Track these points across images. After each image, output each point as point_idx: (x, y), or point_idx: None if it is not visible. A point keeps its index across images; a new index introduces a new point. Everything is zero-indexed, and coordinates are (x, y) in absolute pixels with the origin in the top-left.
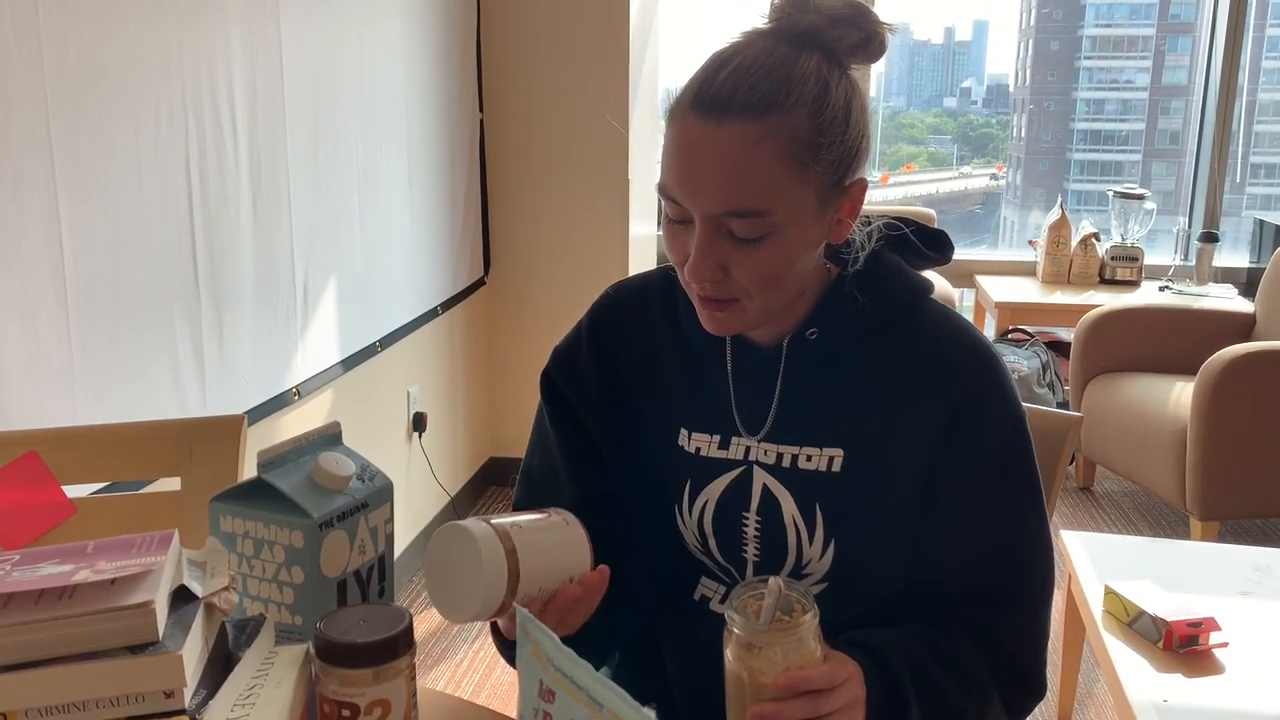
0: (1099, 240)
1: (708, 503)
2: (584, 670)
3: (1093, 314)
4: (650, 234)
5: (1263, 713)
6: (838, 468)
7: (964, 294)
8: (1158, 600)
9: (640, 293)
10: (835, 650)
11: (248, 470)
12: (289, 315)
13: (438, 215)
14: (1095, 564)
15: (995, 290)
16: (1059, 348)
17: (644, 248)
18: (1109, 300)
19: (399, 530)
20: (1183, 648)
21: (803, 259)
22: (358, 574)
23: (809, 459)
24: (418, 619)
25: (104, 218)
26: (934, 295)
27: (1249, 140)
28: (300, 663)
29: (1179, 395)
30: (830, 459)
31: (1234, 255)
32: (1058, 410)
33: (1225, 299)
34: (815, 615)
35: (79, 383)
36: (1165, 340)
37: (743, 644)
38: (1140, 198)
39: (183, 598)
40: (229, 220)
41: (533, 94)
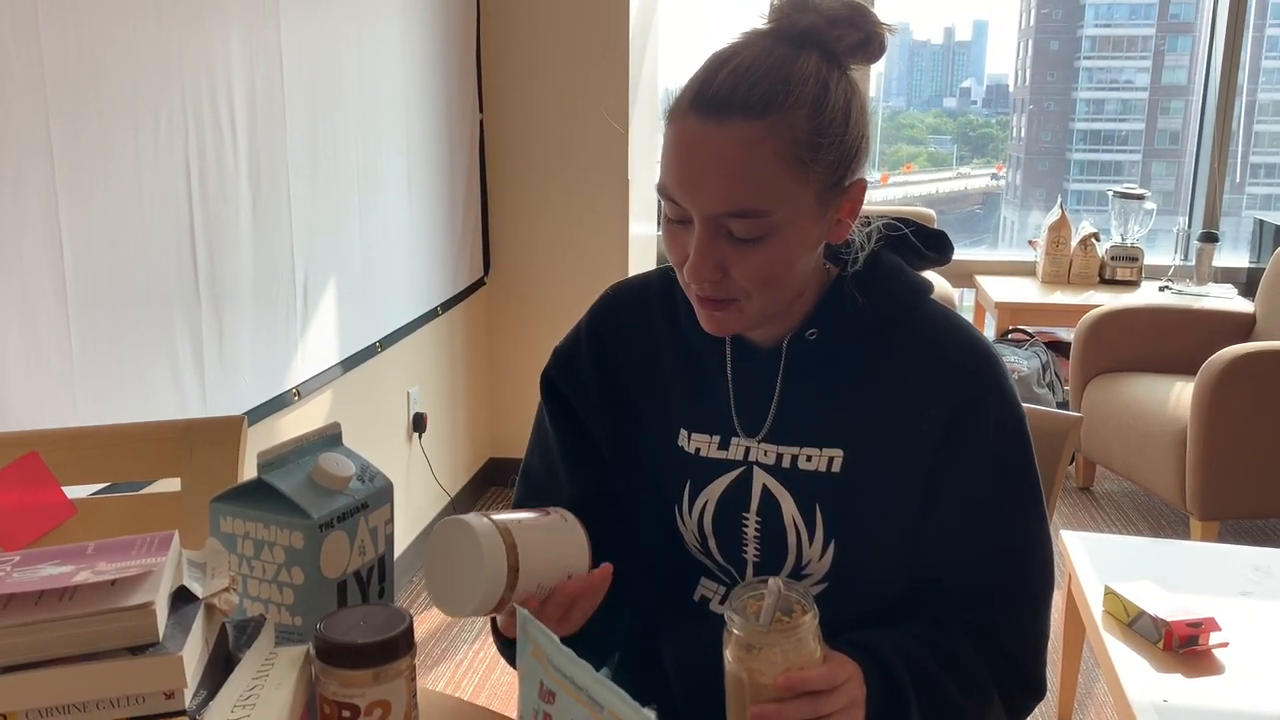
0: (1099, 240)
1: (707, 503)
2: (584, 671)
3: (1092, 314)
4: (650, 234)
5: (1263, 713)
6: (837, 468)
7: (964, 294)
8: (1158, 600)
9: (640, 293)
10: (835, 651)
11: (248, 471)
12: (289, 316)
13: (437, 215)
14: (1095, 564)
15: (995, 290)
16: (1059, 348)
17: (644, 248)
18: (1109, 300)
19: (399, 531)
20: (1183, 648)
21: (802, 259)
22: (358, 575)
23: (809, 459)
24: (418, 620)
25: (104, 218)
26: (934, 296)
27: (1249, 140)
28: (300, 664)
29: (1179, 395)
30: (830, 459)
31: (1234, 255)
32: (1058, 410)
33: (1225, 299)
34: (815, 616)
35: (79, 383)
36: (1165, 340)
37: (742, 645)
38: (1140, 198)
39: (183, 599)
40: (229, 220)
41: (533, 94)
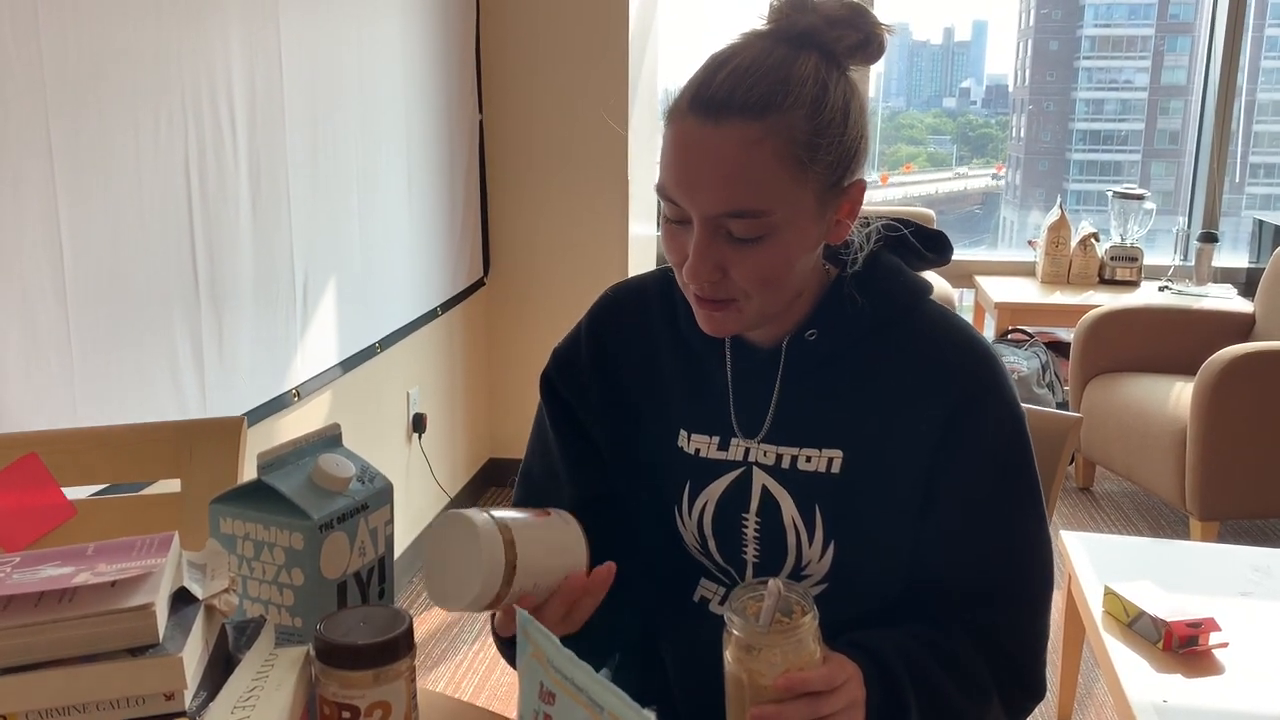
0: (1098, 240)
1: (707, 504)
2: (584, 672)
3: (1092, 314)
4: (650, 234)
5: (1263, 713)
6: (837, 469)
7: (963, 294)
8: (1157, 601)
9: (639, 294)
10: (835, 652)
11: (248, 472)
12: (288, 316)
13: (437, 216)
14: (1095, 564)
15: (995, 291)
16: (1058, 348)
17: (644, 248)
18: (1108, 300)
19: (399, 531)
20: (1182, 648)
21: (801, 260)
22: (358, 576)
23: (808, 460)
24: (418, 620)
25: (104, 218)
26: (933, 296)
27: (1248, 140)
28: (300, 665)
29: (1179, 395)
30: (829, 460)
31: (1233, 255)
32: (1057, 411)
33: (1225, 299)
34: (815, 617)
35: (79, 384)
36: (1165, 340)
37: (742, 646)
38: (1140, 198)
39: (183, 600)
40: (228, 221)
41: (533, 94)
